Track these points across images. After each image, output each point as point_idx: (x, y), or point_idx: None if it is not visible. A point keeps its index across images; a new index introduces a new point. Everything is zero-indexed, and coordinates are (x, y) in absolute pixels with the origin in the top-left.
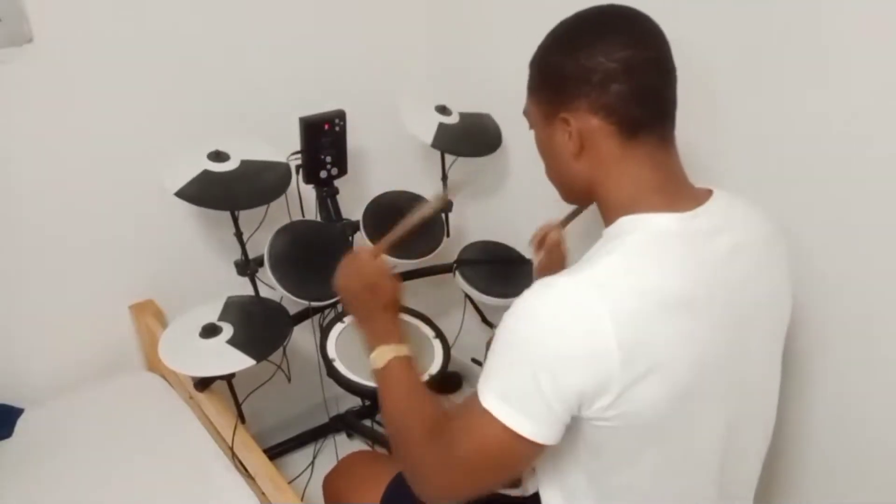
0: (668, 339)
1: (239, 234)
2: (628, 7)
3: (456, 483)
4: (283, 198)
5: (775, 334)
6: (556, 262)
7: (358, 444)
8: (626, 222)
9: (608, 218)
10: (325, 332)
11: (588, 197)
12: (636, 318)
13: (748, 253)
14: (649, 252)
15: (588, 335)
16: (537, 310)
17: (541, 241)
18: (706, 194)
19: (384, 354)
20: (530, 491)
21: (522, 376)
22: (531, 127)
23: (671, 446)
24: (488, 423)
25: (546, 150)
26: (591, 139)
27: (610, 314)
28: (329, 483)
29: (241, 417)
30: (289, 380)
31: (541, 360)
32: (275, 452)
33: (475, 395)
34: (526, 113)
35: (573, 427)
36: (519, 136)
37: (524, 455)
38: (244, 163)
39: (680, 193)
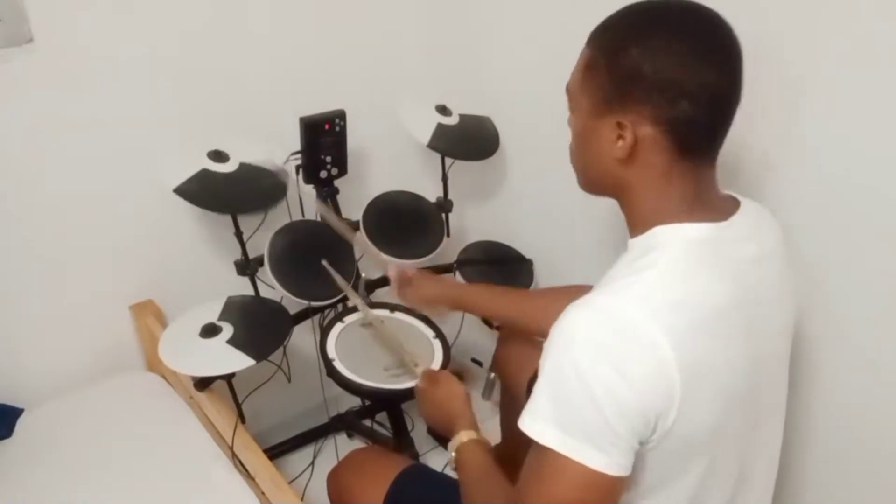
0: (717, 352)
1: (239, 234)
2: (717, 15)
3: None
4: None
5: (787, 338)
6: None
7: (358, 444)
8: (659, 233)
9: (635, 226)
10: (325, 332)
11: (610, 194)
12: (689, 335)
13: (770, 262)
14: (689, 264)
15: (648, 359)
16: (590, 337)
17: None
18: (734, 203)
19: (452, 447)
20: None
21: (586, 410)
22: (570, 106)
23: (709, 459)
24: (558, 465)
25: (584, 140)
26: (642, 148)
27: (666, 335)
28: (333, 479)
29: (241, 417)
30: (289, 380)
31: (603, 392)
32: (275, 452)
33: (535, 445)
34: (569, 91)
35: None
36: (519, 137)
37: (606, 493)
38: (242, 165)
39: (713, 203)
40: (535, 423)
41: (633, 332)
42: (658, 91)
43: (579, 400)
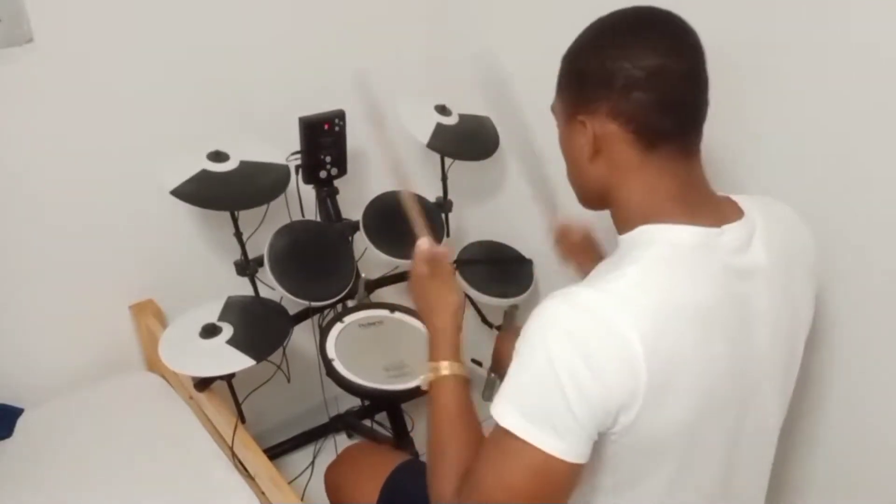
0: (689, 355)
1: (239, 234)
2: (668, 12)
3: None
4: (282, 198)
5: (792, 351)
6: (588, 251)
7: None
8: (645, 231)
9: (622, 225)
10: (324, 332)
11: (603, 202)
12: (660, 334)
13: (773, 274)
14: (673, 266)
15: (617, 352)
16: (563, 326)
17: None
18: (734, 210)
19: (433, 372)
20: None
21: (550, 394)
22: (557, 125)
23: (681, 461)
24: (515, 447)
25: (566, 150)
26: (608, 144)
27: (637, 331)
28: (330, 475)
29: (241, 417)
30: (288, 380)
31: (569, 378)
32: (275, 452)
33: (495, 426)
34: (553, 110)
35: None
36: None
37: (560, 479)
38: (243, 163)
39: (702, 205)
40: (498, 403)
41: (606, 325)
42: (606, 85)
43: (545, 385)
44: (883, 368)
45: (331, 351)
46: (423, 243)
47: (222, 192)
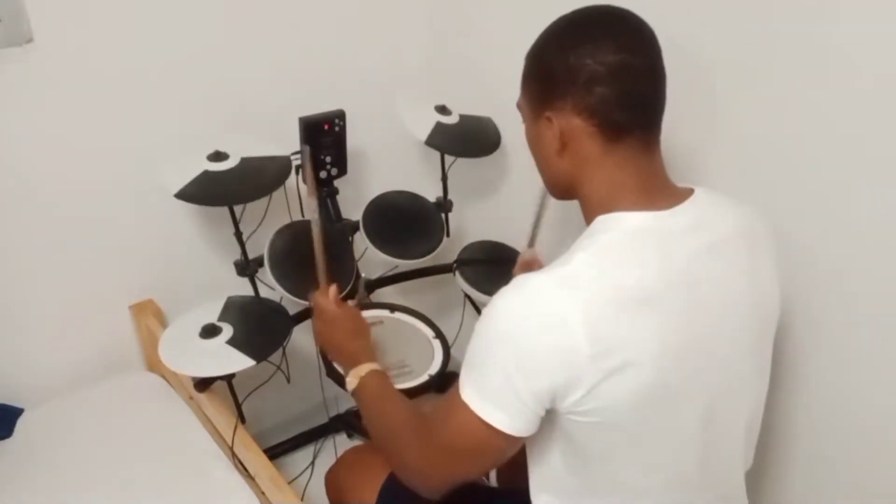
0: (639, 335)
1: (239, 234)
2: (626, 10)
3: (438, 467)
4: (283, 197)
5: (760, 332)
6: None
7: (358, 444)
8: (601, 221)
9: (588, 217)
10: None
11: (571, 193)
12: (606, 314)
13: (726, 251)
14: (622, 249)
15: (557, 333)
16: (509, 307)
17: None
18: (687, 193)
19: (355, 375)
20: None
21: (495, 372)
22: (523, 120)
23: (648, 441)
24: (467, 415)
25: (533, 144)
26: (573, 139)
27: (580, 311)
28: (330, 479)
29: (241, 417)
30: (288, 380)
31: (511, 358)
32: (275, 452)
33: (456, 386)
34: (519, 106)
35: (554, 423)
36: (519, 137)
37: (501, 446)
38: (244, 160)
39: (658, 193)
40: (462, 376)
41: (548, 306)
42: (571, 81)
43: (490, 366)
44: (875, 366)
45: None
46: (320, 296)
47: (224, 188)
